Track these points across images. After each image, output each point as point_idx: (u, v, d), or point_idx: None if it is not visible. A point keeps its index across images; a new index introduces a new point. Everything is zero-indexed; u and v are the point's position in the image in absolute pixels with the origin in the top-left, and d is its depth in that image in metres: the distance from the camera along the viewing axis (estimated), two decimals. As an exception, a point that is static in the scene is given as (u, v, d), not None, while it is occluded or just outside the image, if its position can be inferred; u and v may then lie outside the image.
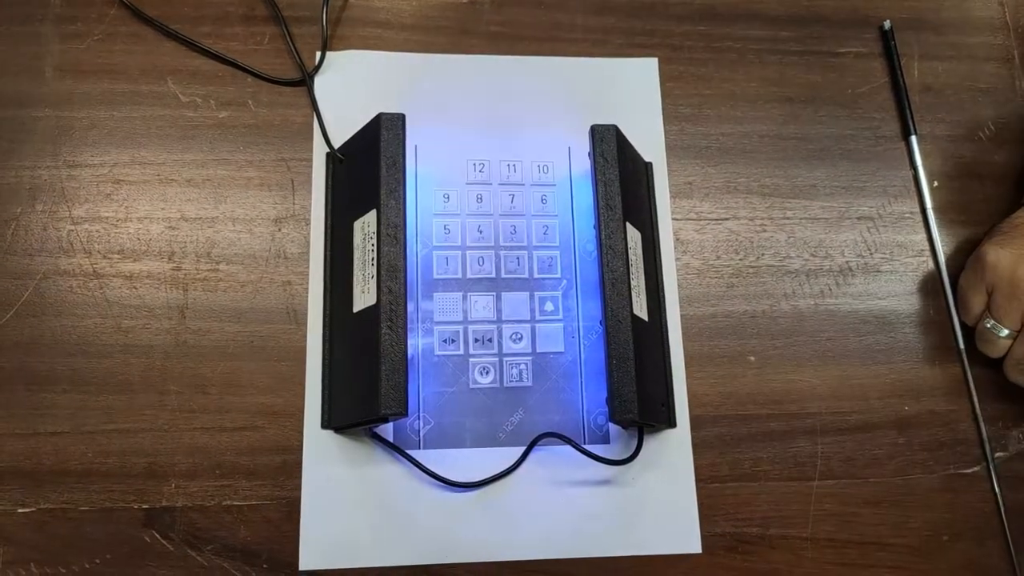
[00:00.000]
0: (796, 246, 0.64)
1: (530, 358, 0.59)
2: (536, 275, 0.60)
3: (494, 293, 0.60)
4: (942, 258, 0.64)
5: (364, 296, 0.53)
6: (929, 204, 0.65)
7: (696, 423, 0.59)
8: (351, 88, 0.63)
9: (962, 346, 0.62)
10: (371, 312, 0.52)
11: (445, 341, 0.58)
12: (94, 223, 0.59)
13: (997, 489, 0.60)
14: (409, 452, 0.55)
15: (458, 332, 0.59)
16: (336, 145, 0.61)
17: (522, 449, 0.56)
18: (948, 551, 0.59)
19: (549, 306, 0.60)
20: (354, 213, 0.56)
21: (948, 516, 0.59)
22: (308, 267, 0.59)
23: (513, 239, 0.61)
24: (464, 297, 0.59)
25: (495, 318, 0.59)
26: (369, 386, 0.50)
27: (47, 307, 0.57)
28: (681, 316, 0.61)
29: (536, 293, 0.60)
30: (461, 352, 0.58)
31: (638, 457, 0.55)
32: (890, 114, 0.68)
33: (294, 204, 0.60)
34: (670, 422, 0.58)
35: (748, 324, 0.62)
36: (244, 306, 0.58)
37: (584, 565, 0.55)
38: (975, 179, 0.67)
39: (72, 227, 0.58)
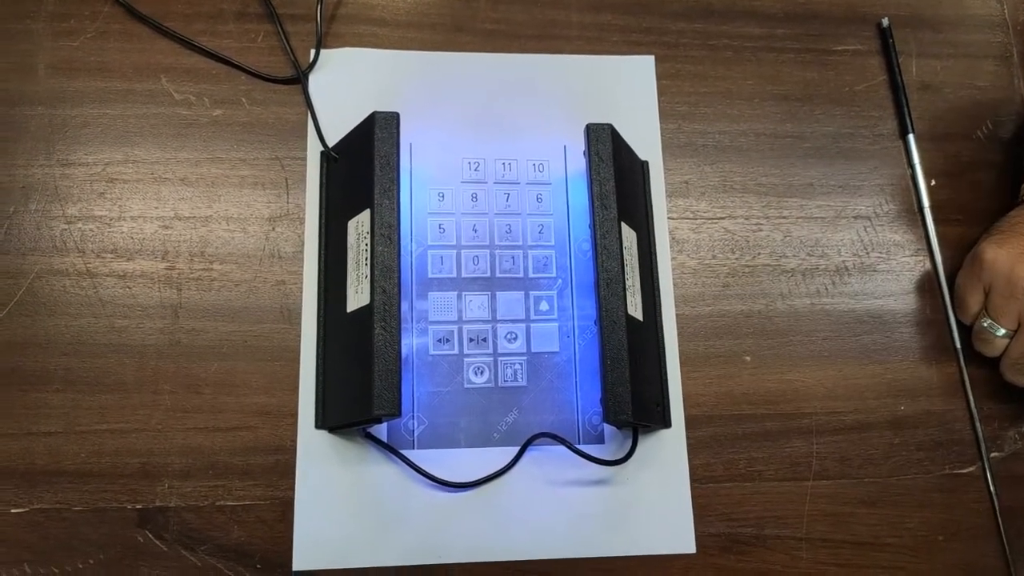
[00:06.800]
0: (792, 245, 0.64)
1: (525, 358, 0.58)
2: (531, 274, 0.60)
3: (489, 292, 0.59)
4: (939, 257, 0.64)
5: (358, 296, 0.53)
6: (926, 203, 0.65)
7: (691, 423, 0.59)
8: (346, 86, 0.63)
9: (959, 345, 0.62)
10: (365, 312, 0.52)
11: (440, 341, 0.58)
12: (87, 222, 0.59)
13: (993, 489, 0.60)
14: (403, 452, 0.55)
15: (453, 332, 0.58)
16: (330, 143, 0.60)
17: (516, 449, 0.56)
18: (943, 551, 0.59)
19: (544, 305, 0.60)
20: (348, 212, 0.56)
21: (944, 516, 0.59)
22: (302, 266, 0.59)
23: (508, 238, 0.61)
24: (459, 296, 0.59)
25: (490, 317, 0.59)
26: (363, 386, 0.50)
27: (40, 307, 0.57)
28: (677, 316, 0.61)
29: (531, 292, 0.60)
30: (456, 352, 0.58)
31: (633, 457, 0.55)
32: (887, 112, 0.68)
33: (288, 203, 0.60)
34: (665, 422, 0.58)
35: (744, 324, 0.61)
36: (238, 306, 0.58)
37: (578, 565, 0.55)
38: (973, 178, 0.67)
39: (65, 226, 0.58)
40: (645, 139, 0.64)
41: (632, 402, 0.51)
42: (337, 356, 0.56)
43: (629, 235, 0.57)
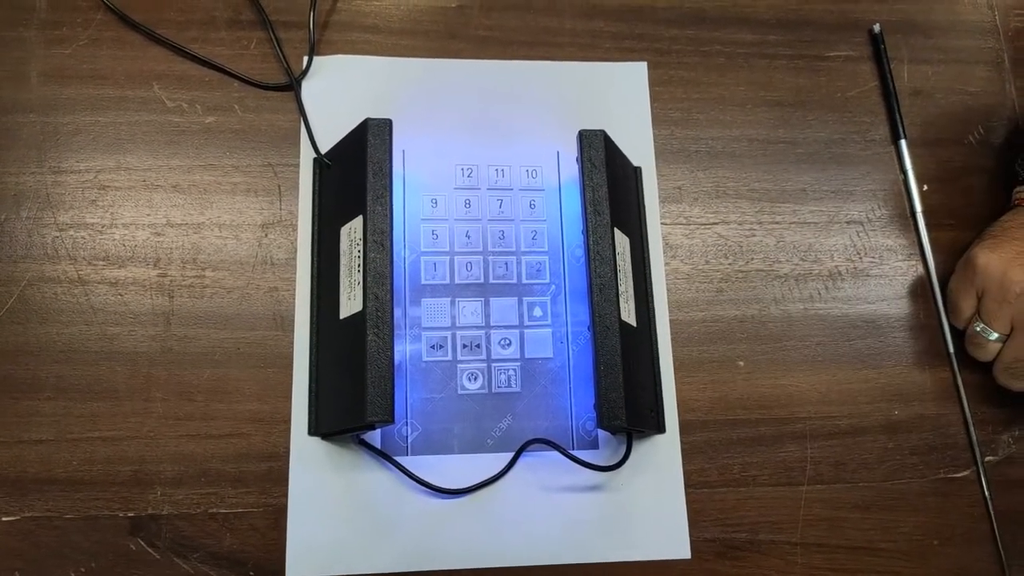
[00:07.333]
0: (785, 250, 0.64)
1: (518, 364, 0.58)
2: (524, 280, 0.60)
3: (482, 298, 0.59)
4: (931, 262, 0.64)
5: (351, 303, 0.53)
6: (918, 208, 0.65)
7: (685, 428, 0.59)
8: (339, 93, 0.63)
9: (952, 350, 0.62)
10: (358, 319, 0.51)
11: (433, 347, 0.58)
12: (79, 229, 0.58)
13: (987, 493, 0.60)
14: (396, 459, 0.55)
15: (446, 338, 0.58)
16: (323, 150, 0.60)
17: (510, 455, 0.56)
18: (938, 556, 0.59)
19: (538, 311, 0.60)
20: (341, 219, 0.56)
21: (938, 520, 0.59)
22: (295, 273, 0.59)
23: (501, 244, 0.61)
24: (452, 302, 0.59)
25: (483, 323, 0.59)
26: (356, 393, 0.50)
27: (32, 314, 0.56)
28: (670, 321, 0.61)
29: (524, 298, 0.60)
30: (449, 358, 0.58)
31: (627, 463, 0.55)
32: (879, 118, 0.68)
33: (281, 210, 0.60)
34: (659, 427, 0.58)
35: (737, 329, 0.61)
36: (230, 312, 0.58)
37: (573, 571, 0.55)
38: (965, 183, 0.67)
39: (57, 233, 0.58)
40: (638, 145, 0.64)
41: (626, 407, 0.51)
42: (330, 363, 0.55)
43: (622, 241, 0.57)
